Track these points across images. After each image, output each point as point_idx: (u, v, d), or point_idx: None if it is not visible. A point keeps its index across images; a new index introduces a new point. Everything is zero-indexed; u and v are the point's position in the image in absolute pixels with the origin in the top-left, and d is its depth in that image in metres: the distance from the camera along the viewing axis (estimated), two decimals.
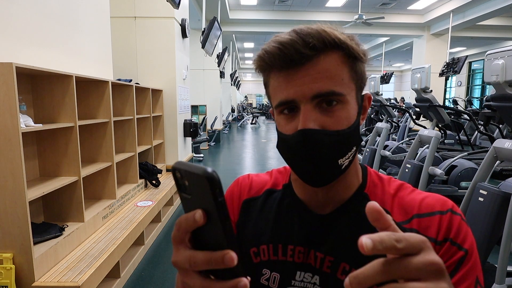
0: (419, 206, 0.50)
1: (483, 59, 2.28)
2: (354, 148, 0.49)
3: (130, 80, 3.62)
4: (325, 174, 0.48)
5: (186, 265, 0.29)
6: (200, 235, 0.29)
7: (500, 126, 4.37)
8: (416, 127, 5.72)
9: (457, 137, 6.49)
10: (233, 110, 16.24)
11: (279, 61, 0.46)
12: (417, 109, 4.27)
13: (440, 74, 7.23)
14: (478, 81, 16.13)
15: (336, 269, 0.51)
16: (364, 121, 0.56)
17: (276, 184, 0.61)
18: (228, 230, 0.28)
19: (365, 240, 0.25)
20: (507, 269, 1.94)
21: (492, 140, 3.22)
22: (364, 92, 0.53)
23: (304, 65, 0.45)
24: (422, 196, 0.52)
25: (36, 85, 2.09)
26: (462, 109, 7.93)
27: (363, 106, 0.52)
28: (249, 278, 0.29)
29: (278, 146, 0.53)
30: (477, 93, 16.03)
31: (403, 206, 0.51)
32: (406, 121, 6.80)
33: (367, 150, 4.79)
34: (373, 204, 0.27)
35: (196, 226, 0.28)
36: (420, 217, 0.49)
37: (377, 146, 4.63)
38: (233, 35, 11.74)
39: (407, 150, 4.67)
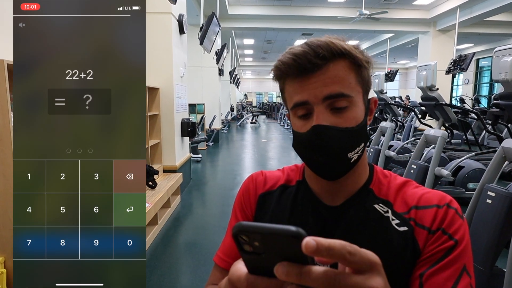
0: (419, 200, 0.56)
1: (491, 56, 2.30)
2: (362, 144, 0.56)
3: None
4: (337, 166, 0.55)
5: None
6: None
7: (509, 125, 4.28)
8: (421, 127, 5.66)
9: (464, 136, 6.45)
10: (232, 109, 16.13)
11: (293, 70, 0.54)
12: (423, 108, 4.23)
13: (446, 71, 7.15)
14: (486, 79, 15.95)
15: None
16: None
17: (290, 180, 0.67)
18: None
19: (309, 239, 0.25)
20: None
21: (500, 140, 3.15)
22: (370, 96, 0.59)
23: (316, 72, 0.53)
24: (423, 191, 0.57)
25: None
26: (470, 108, 7.84)
27: (369, 108, 0.59)
28: None
29: (294, 145, 0.60)
30: (485, 91, 15.84)
31: (404, 199, 0.58)
32: (412, 120, 6.75)
33: (371, 150, 4.75)
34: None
35: None
36: (418, 209, 0.56)
37: (381, 146, 4.58)
38: (233, 31, 11.57)
39: (412, 150, 4.60)
